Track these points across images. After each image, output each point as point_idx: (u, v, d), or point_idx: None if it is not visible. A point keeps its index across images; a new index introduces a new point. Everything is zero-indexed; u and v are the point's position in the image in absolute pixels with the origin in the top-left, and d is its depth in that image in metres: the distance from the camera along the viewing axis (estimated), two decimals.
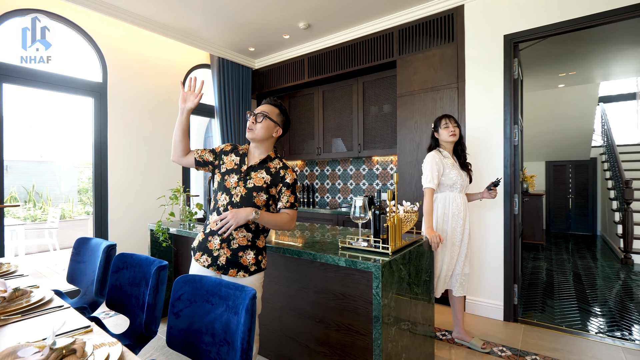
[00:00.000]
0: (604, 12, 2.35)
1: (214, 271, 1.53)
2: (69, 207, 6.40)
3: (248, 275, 1.54)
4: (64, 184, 6.62)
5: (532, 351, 2.25)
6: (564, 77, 4.87)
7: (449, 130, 2.28)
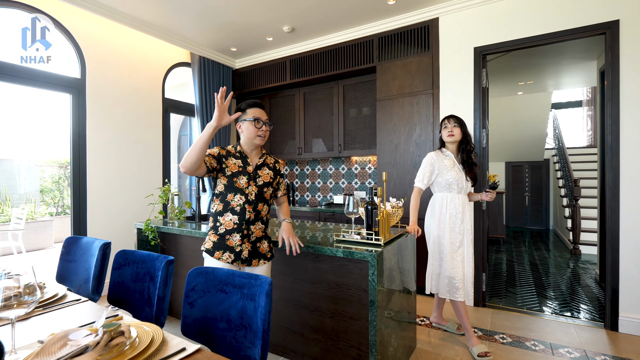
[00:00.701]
0: (557, 32, 2.68)
1: (238, 265, 1.67)
2: (31, 208, 6.03)
3: (266, 262, 1.74)
4: (25, 184, 6.23)
5: (500, 331, 2.53)
6: (523, 85, 5.35)
7: (447, 130, 2.31)
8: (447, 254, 2.27)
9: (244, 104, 1.72)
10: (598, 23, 2.54)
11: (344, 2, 3.04)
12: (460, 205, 2.28)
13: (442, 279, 2.29)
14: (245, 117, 1.70)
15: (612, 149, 2.53)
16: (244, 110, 1.70)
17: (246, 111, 1.70)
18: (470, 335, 2.24)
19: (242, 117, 1.70)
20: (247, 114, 1.69)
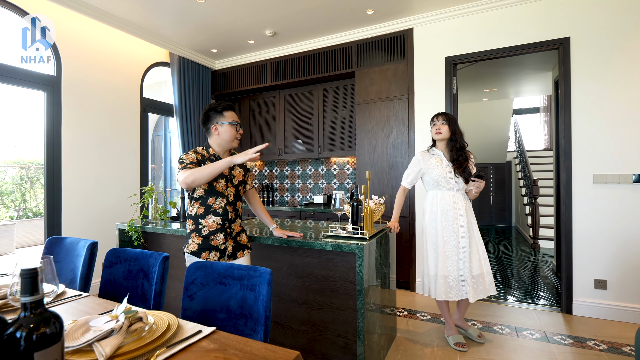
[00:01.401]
0: (518, 46, 2.97)
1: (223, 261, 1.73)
2: None
3: (249, 251, 1.87)
4: None
5: (471, 318, 2.75)
6: (487, 92, 5.75)
7: (435, 128, 2.30)
8: (442, 253, 2.21)
9: (220, 107, 1.74)
10: (552, 39, 2.85)
11: (325, 11, 3.17)
12: (452, 202, 2.23)
13: (439, 279, 2.20)
14: (222, 119, 1.73)
15: (566, 152, 2.83)
16: (221, 112, 1.73)
17: (223, 114, 1.73)
18: (450, 325, 2.36)
19: (219, 119, 1.73)
20: (226, 117, 1.73)
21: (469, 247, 2.20)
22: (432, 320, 2.72)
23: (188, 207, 1.81)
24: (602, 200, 2.70)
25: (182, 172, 1.67)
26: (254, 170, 4.92)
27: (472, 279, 2.18)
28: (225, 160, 1.59)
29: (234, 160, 1.59)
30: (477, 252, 2.23)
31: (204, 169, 1.60)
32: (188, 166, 1.67)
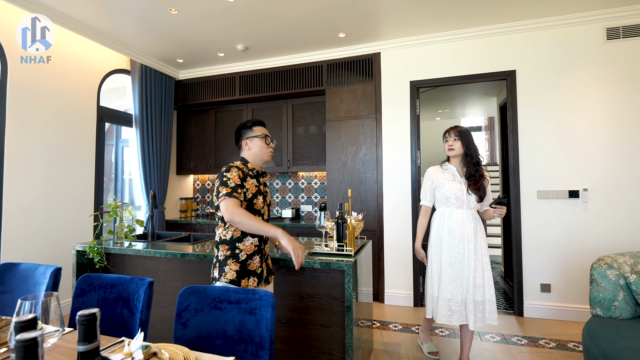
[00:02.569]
0: (473, 75, 3.30)
1: (261, 287, 1.67)
2: None
3: (272, 277, 1.80)
4: None
5: (437, 326, 2.93)
6: (441, 112, 6.25)
7: (447, 144, 2.21)
8: (445, 274, 2.10)
9: (249, 122, 1.73)
10: (502, 71, 3.22)
11: (300, 31, 3.26)
12: (459, 221, 2.10)
13: (440, 302, 2.11)
14: (252, 134, 1.70)
15: (515, 170, 3.18)
16: (250, 127, 1.71)
17: (252, 129, 1.71)
18: (426, 333, 2.45)
19: (249, 134, 1.70)
20: (255, 131, 1.70)
21: (474, 271, 2.06)
22: (404, 330, 2.85)
23: (219, 231, 1.66)
24: (545, 213, 3.07)
25: (229, 202, 1.51)
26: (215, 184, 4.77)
27: (473, 305, 2.05)
28: (277, 232, 1.53)
29: (281, 237, 1.53)
30: (482, 278, 2.08)
31: (254, 222, 1.50)
32: (234, 195, 1.53)
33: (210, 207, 4.79)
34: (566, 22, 3.02)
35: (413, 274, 3.43)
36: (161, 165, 4.10)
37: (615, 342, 1.76)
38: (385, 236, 3.51)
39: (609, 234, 2.91)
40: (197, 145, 4.57)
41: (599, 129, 2.96)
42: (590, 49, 2.98)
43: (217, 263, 1.64)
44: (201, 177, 4.85)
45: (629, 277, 2.02)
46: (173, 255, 2.19)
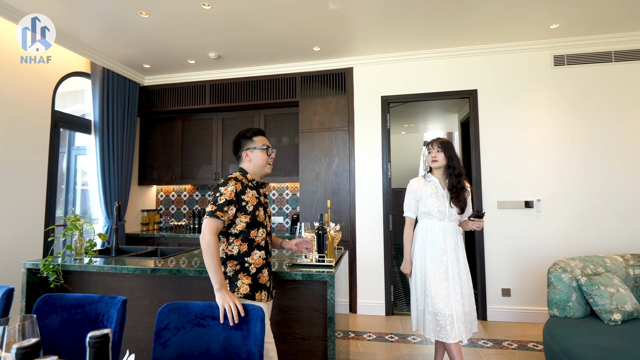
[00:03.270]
0: (439, 92, 3.52)
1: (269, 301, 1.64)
2: None
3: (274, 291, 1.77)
4: None
5: (410, 333, 3.00)
6: (407, 127, 6.53)
7: (431, 156, 2.20)
8: (430, 287, 2.07)
9: (249, 132, 1.67)
10: (465, 90, 3.46)
11: (275, 43, 3.28)
12: (441, 233, 2.11)
13: (427, 315, 2.08)
14: (252, 144, 1.65)
15: (477, 182, 3.40)
16: (250, 138, 1.66)
17: (253, 139, 1.66)
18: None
19: (249, 145, 1.65)
20: (256, 142, 1.66)
21: (460, 282, 2.07)
22: (378, 339, 2.88)
23: (223, 247, 1.58)
24: (505, 222, 3.30)
25: (207, 222, 1.45)
26: (182, 195, 4.59)
27: (463, 317, 2.03)
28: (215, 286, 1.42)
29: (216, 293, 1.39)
30: (468, 288, 2.10)
31: (210, 260, 1.42)
32: (216, 215, 1.47)
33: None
34: (520, 48, 3.33)
35: (385, 284, 3.50)
36: (122, 175, 3.86)
37: (572, 339, 1.92)
38: (357, 246, 3.57)
39: (560, 240, 3.19)
40: (162, 154, 4.36)
41: (550, 145, 3.27)
42: (540, 73, 3.31)
43: (227, 280, 1.55)
44: (165, 188, 4.63)
45: (580, 279, 2.23)
46: (142, 271, 2.06)
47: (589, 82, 3.23)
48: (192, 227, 4.35)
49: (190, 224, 4.42)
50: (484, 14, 2.81)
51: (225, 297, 1.35)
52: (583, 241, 3.15)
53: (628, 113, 3.17)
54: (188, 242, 3.89)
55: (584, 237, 3.15)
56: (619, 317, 2.04)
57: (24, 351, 0.46)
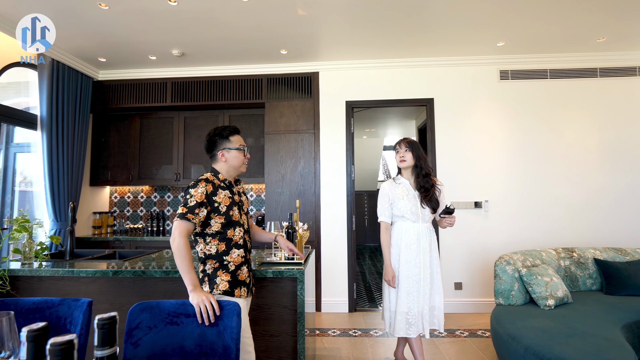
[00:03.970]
0: (399, 100, 3.74)
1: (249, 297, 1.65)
2: None
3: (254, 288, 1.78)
4: None
5: (372, 327, 3.14)
6: (368, 132, 6.79)
7: (399, 155, 2.22)
8: (402, 288, 2.11)
9: (225, 131, 1.64)
10: (423, 98, 3.71)
11: (242, 44, 3.28)
12: (415, 235, 2.14)
13: (398, 315, 2.11)
14: (229, 144, 1.63)
15: None
16: (227, 137, 1.63)
17: (230, 139, 1.64)
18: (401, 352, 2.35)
19: (225, 145, 1.62)
20: (232, 142, 1.64)
21: (430, 283, 2.14)
22: (343, 335, 2.99)
23: (201, 247, 1.56)
24: (457, 221, 3.57)
25: (178, 225, 1.46)
26: (139, 196, 4.38)
27: (429, 312, 2.12)
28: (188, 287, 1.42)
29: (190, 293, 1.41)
30: (433, 287, 2.18)
31: (182, 262, 1.43)
32: (187, 217, 1.47)
33: None
34: (472, 62, 3.65)
35: (348, 282, 3.62)
36: (72, 174, 3.60)
37: (515, 323, 2.15)
38: (322, 246, 3.66)
39: (505, 237, 3.53)
40: (118, 153, 4.14)
41: (496, 151, 3.61)
42: (488, 85, 3.65)
43: (205, 277, 1.56)
44: (120, 189, 4.39)
45: (521, 270, 2.50)
46: (103, 274, 1.97)
47: (528, 96, 3.63)
48: (150, 229, 4.17)
49: (148, 227, 4.24)
50: (440, 30, 3.06)
51: (200, 296, 1.36)
52: (524, 237, 3.52)
53: (560, 124, 3.61)
54: (146, 246, 3.73)
55: (525, 233, 3.52)
56: (552, 302, 2.32)
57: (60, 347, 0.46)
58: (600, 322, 2.04)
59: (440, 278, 2.21)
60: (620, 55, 3.56)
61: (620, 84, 3.59)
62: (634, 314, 2.20)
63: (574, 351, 1.70)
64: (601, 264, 2.72)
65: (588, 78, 3.60)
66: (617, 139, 3.56)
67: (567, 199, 3.54)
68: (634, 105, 3.57)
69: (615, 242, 3.47)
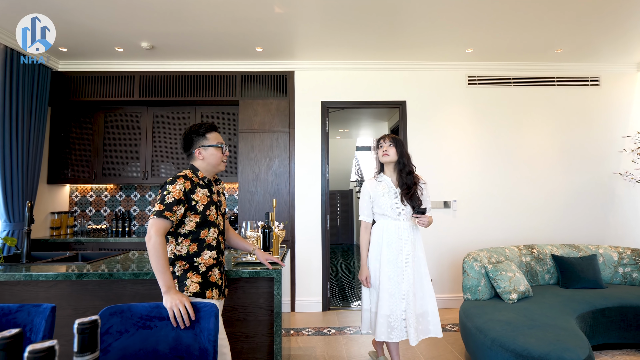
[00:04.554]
0: (373, 101, 3.81)
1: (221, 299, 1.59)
2: None
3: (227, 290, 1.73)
4: None
5: (346, 325, 3.18)
6: (342, 132, 6.85)
7: (382, 150, 2.14)
8: (384, 289, 2.00)
9: (201, 129, 1.58)
10: (396, 100, 3.81)
11: (216, 39, 3.20)
12: (396, 233, 2.05)
13: (379, 318, 2.00)
14: (206, 142, 1.58)
15: None
16: (203, 135, 1.58)
17: (206, 136, 1.58)
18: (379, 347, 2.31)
19: (203, 143, 1.57)
20: (209, 139, 1.58)
21: (413, 285, 2.02)
22: (317, 333, 3.00)
23: (171, 247, 1.50)
24: None
25: (154, 223, 1.41)
26: (103, 195, 4.16)
27: (415, 319, 1.98)
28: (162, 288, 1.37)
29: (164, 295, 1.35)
30: (421, 289, 2.05)
31: (157, 263, 1.37)
32: (164, 215, 1.41)
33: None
34: (443, 67, 3.79)
35: (322, 281, 3.64)
36: (28, 171, 3.35)
37: (482, 316, 2.26)
38: (297, 246, 3.65)
39: (472, 235, 3.70)
40: (79, 150, 3.90)
41: (464, 152, 3.78)
42: (457, 90, 3.81)
43: (175, 279, 1.50)
44: (82, 187, 4.13)
45: (487, 266, 2.63)
46: (66, 277, 1.85)
47: (494, 101, 3.83)
48: (114, 230, 3.96)
49: (112, 227, 4.02)
50: (413, 35, 3.15)
51: (173, 299, 1.31)
52: (489, 235, 3.71)
53: (522, 129, 3.84)
54: (111, 247, 3.54)
55: (490, 231, 3.72)
56: (515, 296, 2.46)
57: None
58: (557, 313, 2.20)
59: (429, 279, 2.10)
60: (575, 66, 3.84)
61: (574, 92, 3.88)
62: (586, 305, 2.39)
63: (535, 341, 1.82)
64: (558, 259, 2.92)
65: (547, 86, 3.86)
66: (572, 144, 3.85)
67: (529, 199, 3.77)
68: (586, 113, 3.87)
69: (570, 239, 3.74)
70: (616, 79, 3.91)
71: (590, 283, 2.76)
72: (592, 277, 2.78)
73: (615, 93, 3.90)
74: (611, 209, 3.81)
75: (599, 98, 3.88)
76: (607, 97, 3.89)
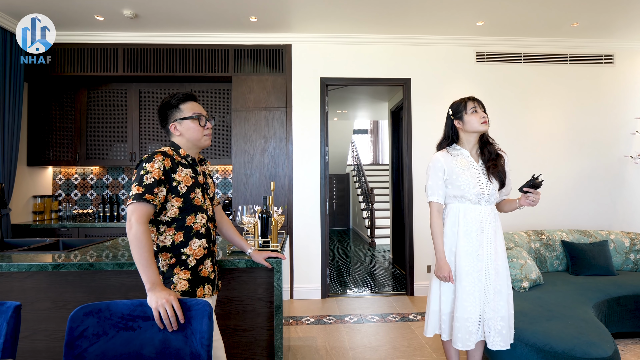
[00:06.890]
0: (375, 78, 3.58)
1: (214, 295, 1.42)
2: None
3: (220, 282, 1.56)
4: None
5: (347, 313, 3.06)
6: (340, 113, 6.60)
7: (479, 116, 1.68)
8: (462, 288, 1.61)
9: (174, 99, 1.34)
10: (400, 77, 3.58)
11: (206, 6, 2.92)
12: (478, 220, 1.64)
13: (457, 322, 1.61)
14: (180, 114, 1.33)
15: (408, 167, 3.58)
16: (176, 105, 1.33)
17: (180, 107, 1.33)
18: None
19: (177, 115, 1.33)
20: (184, 111, 1.33)
21: (495, 281, 1.63)
22: (317, 322, 2.88)
23: (153, 237, 1.27)
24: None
25: (135, 209, 1.18)
26: (89, 178, 3.92)
27: (500, 320, 1.60)
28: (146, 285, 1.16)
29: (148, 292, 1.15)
30: (507, 287, 1.66)
31: (141, 255, 1.16)
32: (145, 198, 1.19)
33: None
34: (450, 42, 3.56)
35: (321, 267, 3.50)
36: (4, 152, 3.10)
37: None
38: (295, 231, 3.49)
39: None
40: (61, 129, 3.64)
41: None
42: (465, 66, 3.59)
43: (160, 276, 1.26)
44: (65, 169, 3.89)
45: None
46: (41, 268, 1.66)
47: (503, 78, 3.62)
48: (101, 215, 3.75)
49: (99, 212, 3.81)
50: (418, 4, 2.90)
51: (158, 298, 1.11)
52: None
53: (531, 109, 3.65)
54: (98, 233, 3.35)
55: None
56: (527, 284, 2.35)
57: None
58: (573, 303, 2.08)
59: (508, 275, 1.69)
60: (590, 42, 3.63)
61: (587, 70, 3.68)
62: (601, 293, 2.28)
63: (556, 334, 1.70)
64: (568, 245, 2.81)
65: (559, 64, 3.65)
66: (583, 125, 3.68)
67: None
68: (599, 92, 3.69)
69: (579, 225, 3.63)
70: (631, 57, 3.71)
71: (601, 270, 2.65)
72: (603, 264, 2.67)
73: (629, 72, 3.71)
74: (620, 194, 3.69)
75: (613, 77, 3.70)
76: (622, 76, 3.70)
